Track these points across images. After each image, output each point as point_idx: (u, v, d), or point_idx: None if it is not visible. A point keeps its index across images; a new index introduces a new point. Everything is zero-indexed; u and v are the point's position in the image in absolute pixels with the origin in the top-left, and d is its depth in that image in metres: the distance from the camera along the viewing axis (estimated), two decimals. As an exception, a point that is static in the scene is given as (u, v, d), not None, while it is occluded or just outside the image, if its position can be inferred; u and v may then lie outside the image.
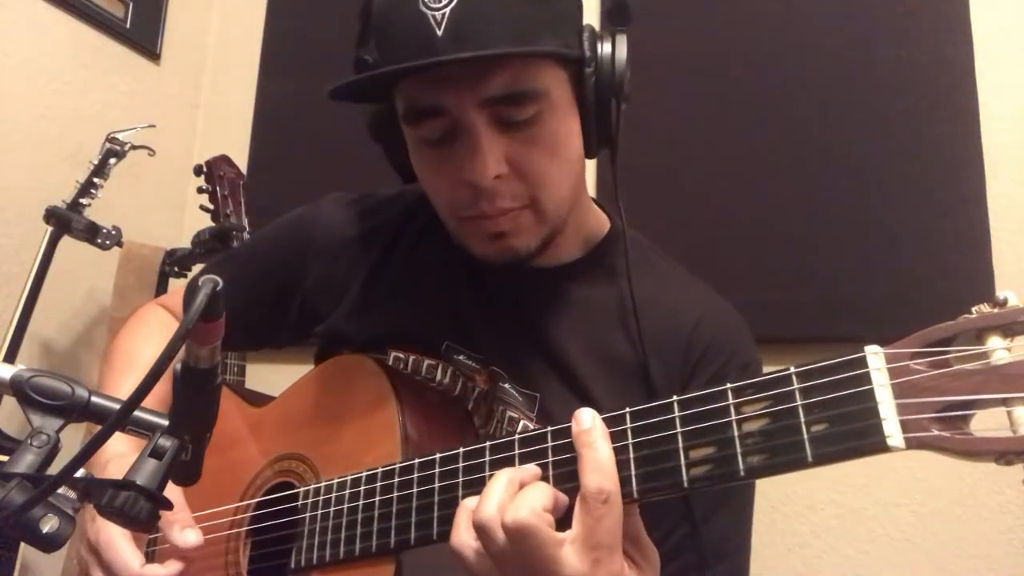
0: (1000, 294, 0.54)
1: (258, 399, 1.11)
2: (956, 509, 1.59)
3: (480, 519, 0.68)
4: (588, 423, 0.69)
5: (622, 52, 0.90)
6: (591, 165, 1.70)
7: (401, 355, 1.02)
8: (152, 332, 1.19)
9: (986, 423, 0.53)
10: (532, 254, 0.93)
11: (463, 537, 0.70)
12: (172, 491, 0.74)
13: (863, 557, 1.63)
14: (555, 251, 1.00)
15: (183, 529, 0.89)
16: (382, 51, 0.87)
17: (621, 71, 0.89)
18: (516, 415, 0.95)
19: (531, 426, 0.94)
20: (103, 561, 0.90)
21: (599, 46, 0.90)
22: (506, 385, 0.97)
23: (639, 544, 0.71)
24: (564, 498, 0.69)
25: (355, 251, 1.08)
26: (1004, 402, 0.52)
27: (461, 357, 1.00)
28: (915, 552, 1.60)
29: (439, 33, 0.80)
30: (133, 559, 0.88)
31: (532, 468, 0.72)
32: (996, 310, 0.54)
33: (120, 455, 0.96)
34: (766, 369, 0.67)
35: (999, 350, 0.53)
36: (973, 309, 0.55)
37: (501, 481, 0.70)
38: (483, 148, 0.85)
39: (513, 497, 0.68)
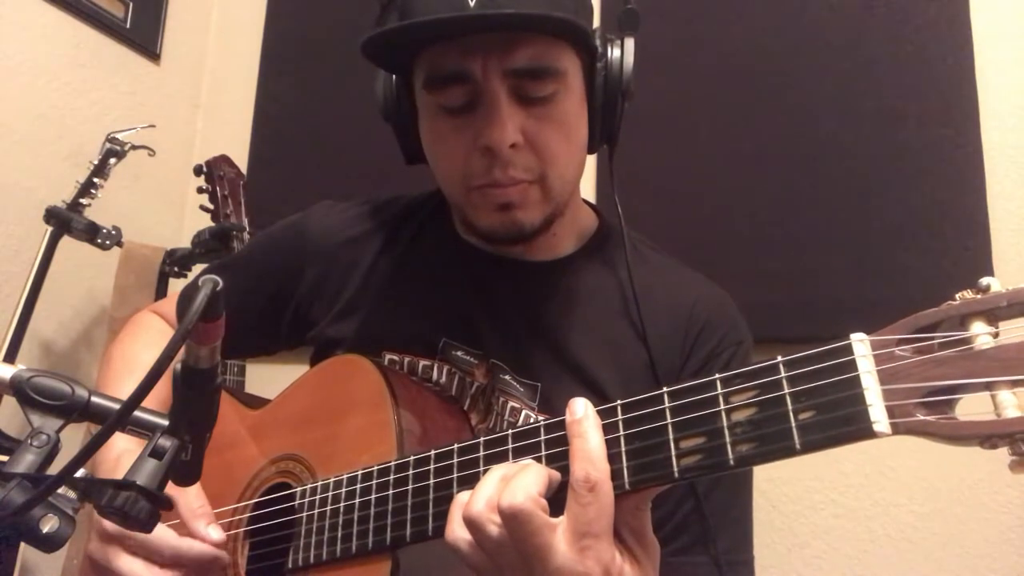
0: (983, 280, 0.54)
1: (254, 401, 1.11)
2: (956, 509, 1.59)
3: (471, 513, 0.68)
4: (580, 412, 0.69)
5: (630, 53, 0.95)
6: (590, 166, 1.71)
7: (396, 357, 1.02)
8: (150, 338, 1.19)
9: (971, 408, 0.53)
10: (536, 230, 0.95)
11: (457, 532, 0.70)
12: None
13: (863, 557, 1.63)
14: (551, 245, 1.03)
15: (208, 524, 0.90)
16: (409, 18, 0.89)
17: (628, 71, 0.95)
18: (518, 405, 0.97)
19: (533, 415, 0.96)
20: (133, 543, 0.87)
21: (610, 46, 0.95)
22: (506, 377, 0.98)
23: (643, 539, 0.71)
24: (556, 475, 0.70)
25: (349, 255, 1.09)
26: (988, 386, 0.52)
27: (459, 353, 1.00)
28: (915, 552, 1.60)
29: (471, 2, 0.83)
30: (169, 531, 0.88)
31: (526, 463, 0.71)
32: (979, 296, 0.54)
33: (130, 450, 0.95)
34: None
35: (983, 335, 0.53)
36: (957, 296, 0.55)
37: (494, 477, 0.70)
38: (503, 115, 0.87)
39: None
